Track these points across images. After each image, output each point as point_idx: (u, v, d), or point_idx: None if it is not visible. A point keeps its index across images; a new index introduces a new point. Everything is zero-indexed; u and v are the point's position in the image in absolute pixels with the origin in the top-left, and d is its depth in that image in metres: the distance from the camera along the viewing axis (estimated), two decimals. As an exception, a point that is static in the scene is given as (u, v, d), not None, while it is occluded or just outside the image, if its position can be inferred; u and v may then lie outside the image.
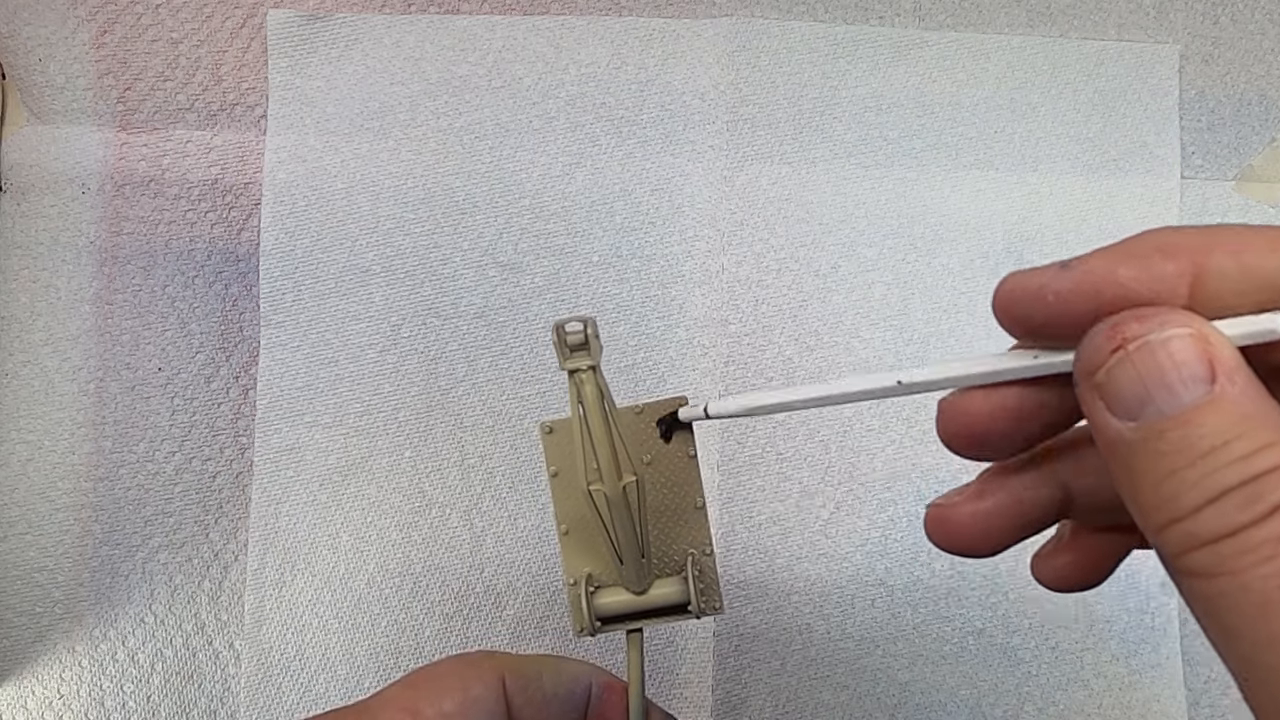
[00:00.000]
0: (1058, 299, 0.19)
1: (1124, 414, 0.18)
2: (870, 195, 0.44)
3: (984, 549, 0.23)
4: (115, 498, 0.43)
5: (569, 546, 0.28)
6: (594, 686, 0.29)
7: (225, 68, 0.44)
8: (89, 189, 0.43)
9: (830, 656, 0.43)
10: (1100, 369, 0.18)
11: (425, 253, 0.43)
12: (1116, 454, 0.18)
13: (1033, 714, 0.43)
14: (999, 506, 0.22)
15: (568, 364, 0.25)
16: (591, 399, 0.25)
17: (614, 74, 0.44)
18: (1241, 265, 0.18)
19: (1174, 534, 0.17)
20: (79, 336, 0.43)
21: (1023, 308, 0.20)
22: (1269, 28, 0.45)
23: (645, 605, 0.28)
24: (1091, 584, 0.24)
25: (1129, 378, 0.18)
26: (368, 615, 0.42)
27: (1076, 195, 0.44)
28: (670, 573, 0.28)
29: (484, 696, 0.27)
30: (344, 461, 0.43)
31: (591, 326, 0.25)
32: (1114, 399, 0.18)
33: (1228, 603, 0.16)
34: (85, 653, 0.42)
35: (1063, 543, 0.24)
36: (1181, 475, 0.17)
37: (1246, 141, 0.45)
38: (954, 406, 0.22)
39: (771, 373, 0.43)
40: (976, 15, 0.45)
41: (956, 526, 0.23)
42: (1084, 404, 0.19)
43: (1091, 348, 0.19)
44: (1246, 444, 0.17)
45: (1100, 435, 0.18)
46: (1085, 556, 0.24)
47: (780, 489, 0.43)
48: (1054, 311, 0.20)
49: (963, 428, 0.22)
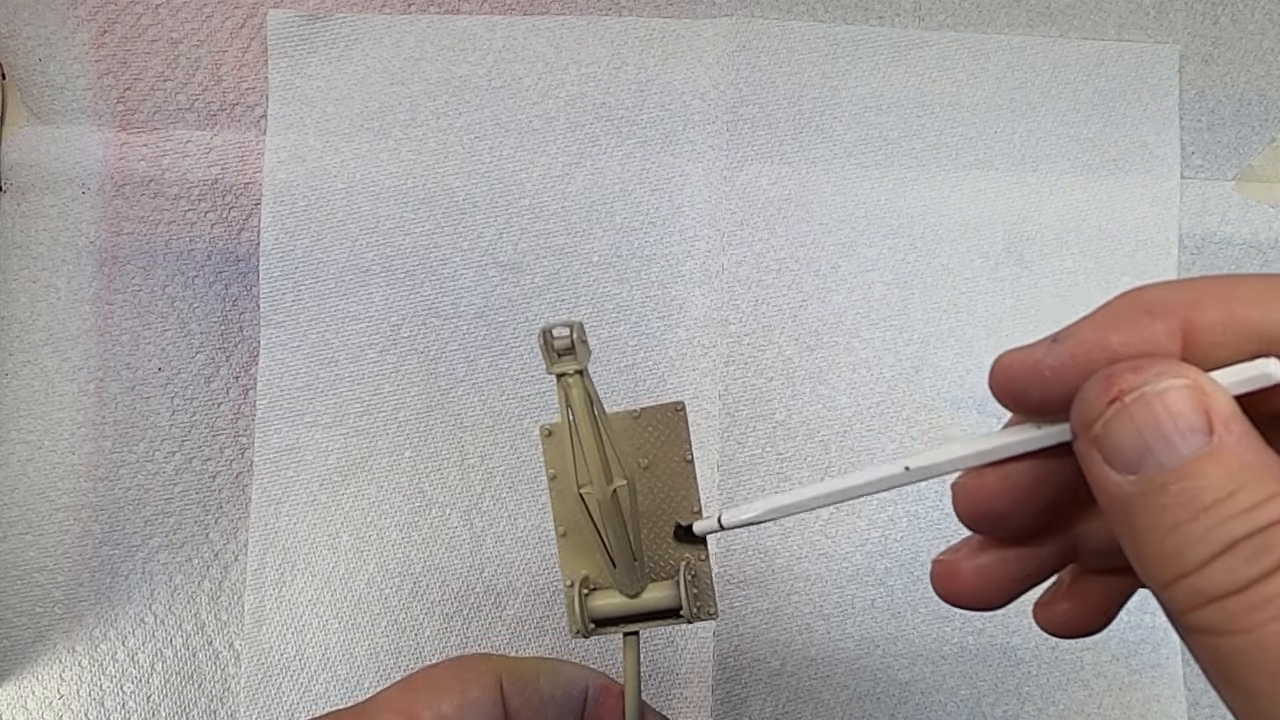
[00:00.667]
0: (1054, 374, 0.19)
1: (1123, 467, 0.18)
2: (870, 195, 0.44)
3: (991, 603, 0.22)
4: (115, 498, 0.43)
5: (566, 549, 0.28)
6: (591, 689, 0.29)
7: (225, 68, 0.44)
8: (89, 189, 0.43)
9: (830, 656, 0.43)
10: (1097, 422, 0.18)
11: (425, 253, 0.43)
12: (1118, 508, 0.18)
13: (1033, 714, 0.43)
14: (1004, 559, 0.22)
15: (554, 368, 0.25)
16: (579, 403, 0.25)
17: (614, 74, 0.44)
18: (1229, 317, 0.18)
19: (1181, 590, 0.17)
20: (79, 336, 0.43)
21: (1019, 385, 0.20)
22: (1269, 28, 0.45)
23: (638, 609, 0.28)
24: (1095, 629, 0.23)
25: (1126, 430, 0.18)
26: (368, 615, 0.42)
27: (1076, 195, 0.44)
28: (665, 576, 0.28)
29: (481, 699, 0.27)
30: (344, 461, 0.43)
31: (578, 331, 0.25)
32: (1112, 452, 0.18)
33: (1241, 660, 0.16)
34: (85, 653, 0.42)
35: (1063, 589, 0.24)
36: (1186, 530, 0.17)
37: (1246, 141, 0.45)
38: (968, 488, 0.22)
39: (771, 373, 0.43)
40: (976, 15, 0.45)
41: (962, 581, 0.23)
42: (1082, 459, 0.19)
43: (1087, 401, 0.18)
44: (1250, 495, 0.16)
45: (1100, 490, 0.18)
46: (1087, 602, 0.23)
47: (780, 489, 0.43)
48: (1051, 387, 0.19)
49: (980, 507, 0.22)
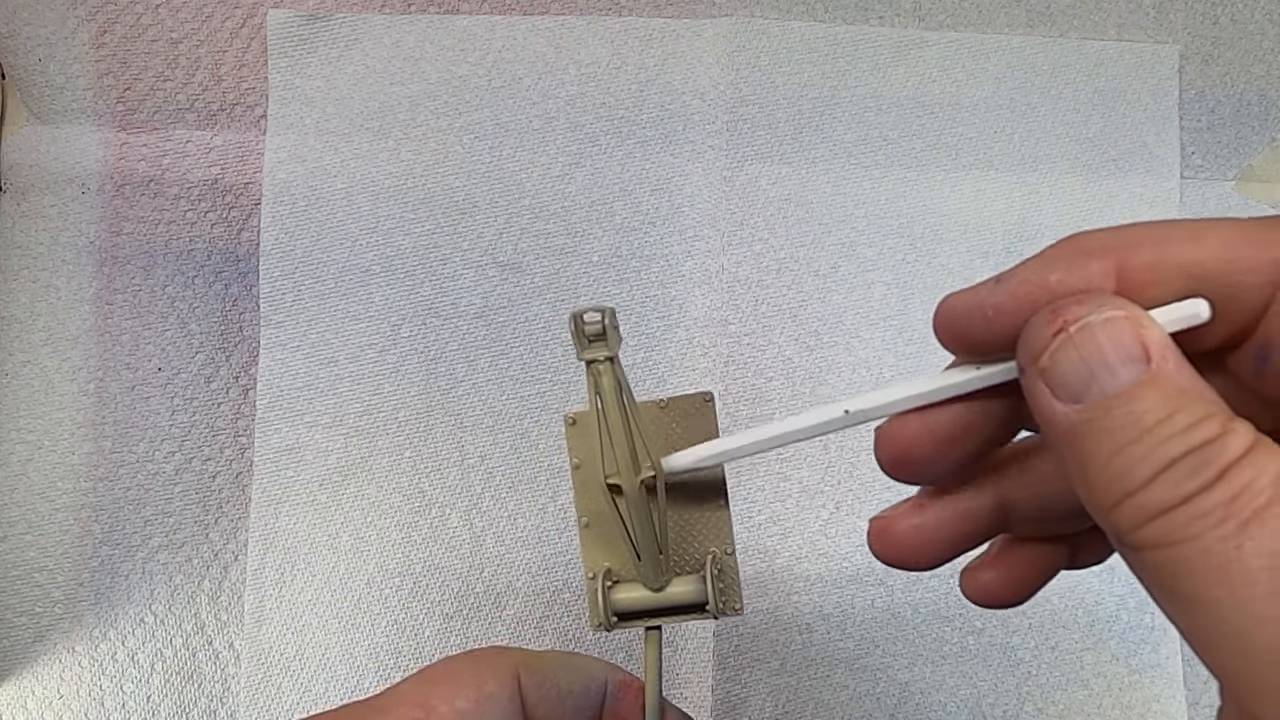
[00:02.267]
0: (996, 312, 0.20)
1: (1068, 397, 0.18)
2: (870, 195, 0.44)
3: (923, 562, 0.23)
4: (115, 498, 0.43)
5: (589, 540, 0.28)
6: (609, 684, 0.28)
7: (225, 68, 0.44)
8: (89, 189, 0.43)
9: (830, 656, 0.43)
10: (1044, 353, 0.19)
11: (425, 253, 0.43)
12: (1063, 437, 0.18)
13: (1033, 714, 0.43)
14: (939, 520, 0.23)
15: (585, 354, 0.25)
16: (608, 391, 0.25)
17: (614, 74, 0.44)
18: (1161, 257, 0.19)
19: (1127, 509, 0.17)
20: (79, 336, 0.43)
21: (962, 325, 0.21)
22: (1269, 28, 0.45)
23: (662, 603, 0.27)
24: (1016, 601, 0.24)
25: (1071, 360, 0.18)
26: (368, 615, 0.42)
27: (1076, 195, 0.44)
28: (689, 571, 0.28)
29: (498, 694, 0.26)
30: (344, 461, 0.43)
31: (610, 317, 0.24)
32: (1058, 382, 0.18)
33: (1186, 568, 0.16)
34: (85, 653, 0.42)
35: (990, 557, 0.24)
36: (1129, 451, 0.17)
37: (1246, 141, 0.45)
38: (890, 434, 0.22)
39: (771, 373, 0.43)
40: (976, 15, 0.45)
41: (897, 539, 0.23)
42: (1029, 392, 0.19)
43: (1033, 333, 0.19)
44: (1186, 416, 0.17)
45: (1046, 421, 0.19)
46: (1012, 572, 0.24)
47: (780, 489, 0.43)
48: (993, 325, 0.20)
49: (900, 453, 0.22)
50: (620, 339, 0.25)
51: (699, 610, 0.27)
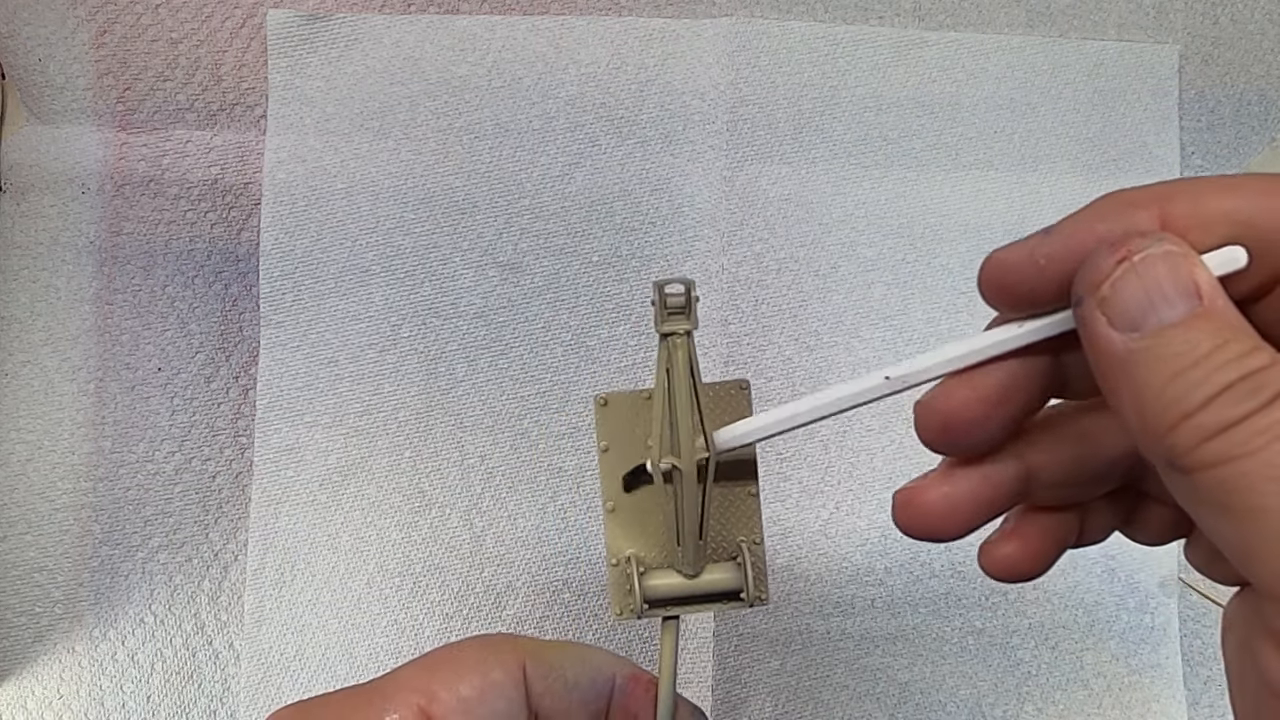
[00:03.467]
0: (1049, 261, 0.21)
1: (1126, 325, 0.19)
2: (870, 195, 0.44)
3: (950, 531, 0.23)
4: (115, 498, 0.43)
5: (615, 525, 0.27)
6: (618, 678, 0.28)
7: (225, 68, 0.44)
8: (89, 189, 0.43)
9: (830, 656, 0.43)
10: (1105, 282, 0.19)
11: (425, 253, 0.43)
12: (1118, 365, 0.19)
13: (1033, 714, 0.43)
14: (966, 488, 0.23)
15: (664, 327, 0.24)
16: (682, 365, 0.25)
17: (614, 74, 0.44)
18: (1200, 207, 0.20)
19: (1185, 430, 0.18)
20: (79, 336, 0.43)
21: (1013, 277, 0.21)
22: (1269, 28, 0.45)
23: (697, 590, 0.27)
24: (1034, 574, 0.25)
25: (1132, 289, 0.19)
26: (368, 615, 0.42)
27: (1076, 195, 0.44)
28: (719, 558, 0.27)
29: (503, 682, 0.26)
30: (344, 461, 0.43)
31: (693, 289, 0.24)
32: (1117, 311, 0.19)
33: (1245, 483, 0.17)
34: (85, 653, 0.42)
35: (1009, 530, 0.25)
36: (1186, 375, 0.18)
37: (1246, 141, 0.45)
38: (933, 403, 0.23)
39: (771, 373, 0.43)
40: (976, 15, 0.45)
41: (924, 508, 0.23)
42: (1084, 323, 0.20)
43: (1095, 263, 0.20)
44: (1238, 346, 0.18)
45: (1101, 350, 0.19)
46: (1031, 544, 0.24)
47: (780, 489, 0.43)
48: (1045, 274, 0.21)
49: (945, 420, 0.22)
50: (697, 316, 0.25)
51: (732, 598, 0.27)
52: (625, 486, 0.27)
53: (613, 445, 0.27)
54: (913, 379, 0.23)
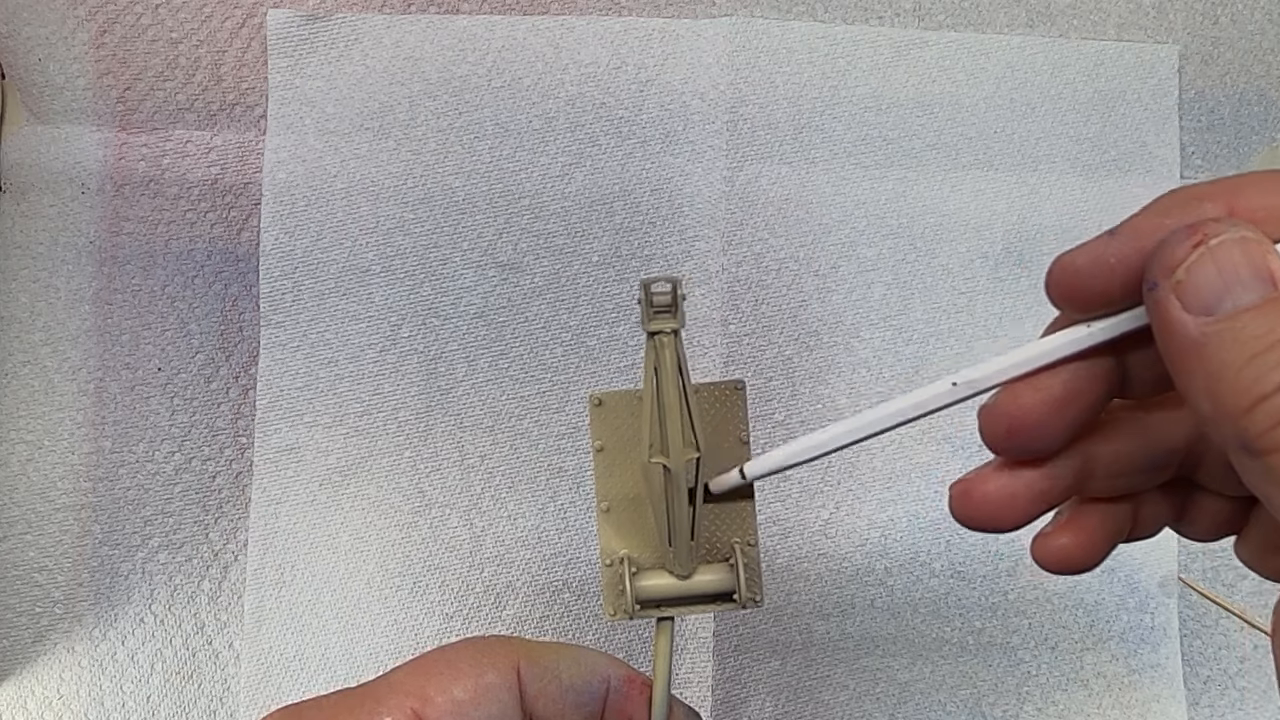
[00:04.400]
0: (1119, 260, 0.21)
1: (1200, 309, 0.19)
2: (870, 195, 0.44)
3: (1009, 522, 0.23)
4: (115, 498, 0.43)
5: (609, 525, 0.27)
6: (613, 679, 0.28)
7: (225, 68, 0.44)
8: (89, 189, 0.43)
9: (830, 656, 0.43)
10: (1180, 265, 0.19)
11: (425, 253, 0.43)
12: (1191, 349, 0.19)
13: (1033, 714, 0.43)
14: (1025, 479, 0.23)
15: (650, 325, 0.24)
16: (669, 365, 0.25)
17: (614, 74, 0.44)
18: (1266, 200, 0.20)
19: (1260, 413, 0.18)
20: (79, 336, 0.43)
21: (1083, 279, 0.22)
22: (1269, 28, 0.45)
23: (689, 591, 0.27)
24: (1087, 566, 0.25)
25: (1208, 273, 0.19)
26: (367, 615, 0.42)
27: (1076, 195, 0.44)
28: (713, 559, 0.27)
29: (497, 684, 0.26)
30: (344, 461, 0.43)
31: (680, 288, 0.24)
32: (1192, 295, 0.19)
33: None
34: (85, 653, 0.42)
35: (1063, 522, 0.25)
36: (1263, 358, 0.18)
37: (1246, 141, 0.45)
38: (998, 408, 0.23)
39: (771, 373, 0.43)
40: (976, 15, 0.45)
41: (983, 500, 0.23)
42: (1157, 307, 0.20)
43: (1170, 247, 0.20)
44: None
45: (1175, 335, 0.19)
46: (1085, 536, 0.24)
47: (780, 489, 0.43)
48: (1115, 274, 0.21)
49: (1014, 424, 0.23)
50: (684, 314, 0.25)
51: (725, 600, 0.27)
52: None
53: (607, 445, 0.27)
54: (980, 384, 0.23)
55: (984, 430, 0.23)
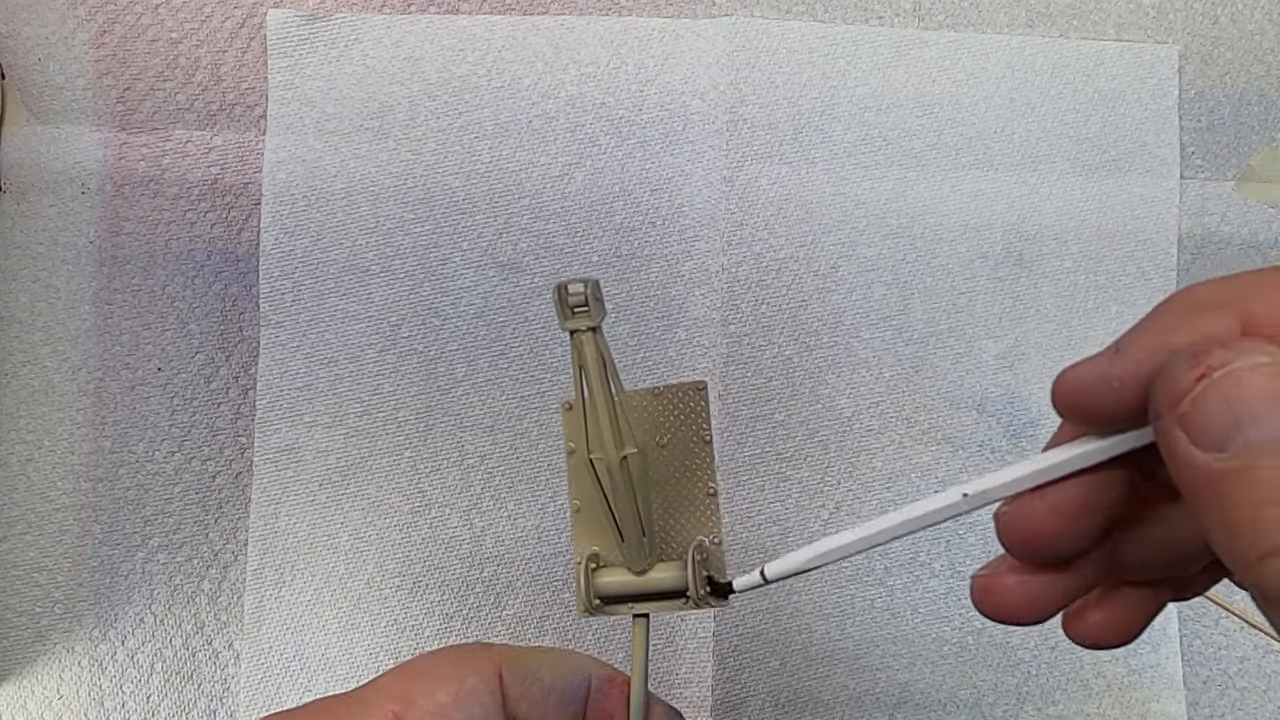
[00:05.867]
0: (1121, 383, 0.20)
1: (1210, 445, 0.17)
2: (870, 195, 0.44)
3: (1032, 618, 0.22)
4: (115, 498, 0.43)
5: (579, 524, 0.28)
6: (594, 680, 0.28)
7: (225, 68, 0.44)
8: (89, 189, 0.43)
9: (830, 656, 0.43)
10: (1184, 398, 0.18)
11: (425, 253, 0.43)
12: (1202, 487, 0.18)
13: (1032, 714, 0.43)
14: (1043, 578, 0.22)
15: (568, 324, 0.25)
16: (591, 361, 0.25)
17: (614, 74, 0.44)
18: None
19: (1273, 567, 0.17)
20: (79, 336, 0.43)
21: (1087, 399, 0.20)
22: (1269, 28, 0.45)
23: (645, 587, 0.27)
24: (1124, 641, 0.24)
25: (1215, 406, 0.17)
26: (367, 615, 0.42)
27: (1076, 195, 0.44)
28: (676, 558, 0.28)
29: (479, 688, 0.26)
30: (344, 461, 0.43)
31: (593, 288, 0.25)
32: (1199, 430, 0.18)
33: None
34: (85, 653, 0.42)
35: (1095, 600, 0.24)
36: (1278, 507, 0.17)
37: (1246, 141, 0.45)
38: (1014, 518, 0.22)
39: (771, 373, 0.43)
40: (976, 15, 0.45)
41: (1004, 597, 0.22)
42: (1164, 440, 0.18)
43: (1173, 378, 0.18)
44: None
45: (1183, 470, 0.18)
46: (1119, 614, 0.23)
47: (780, 489, 0.43)
48: (1119, 396, 0.20)
49: (1028, 536, 0.22)
50: (604, 311, 0.25)
51: (680, 597, 0.27)
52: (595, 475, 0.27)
53: (578, 447, 0.28)
54: (991, 495, 0.22)
55: (1001, 538, 0.22)
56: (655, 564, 0.27)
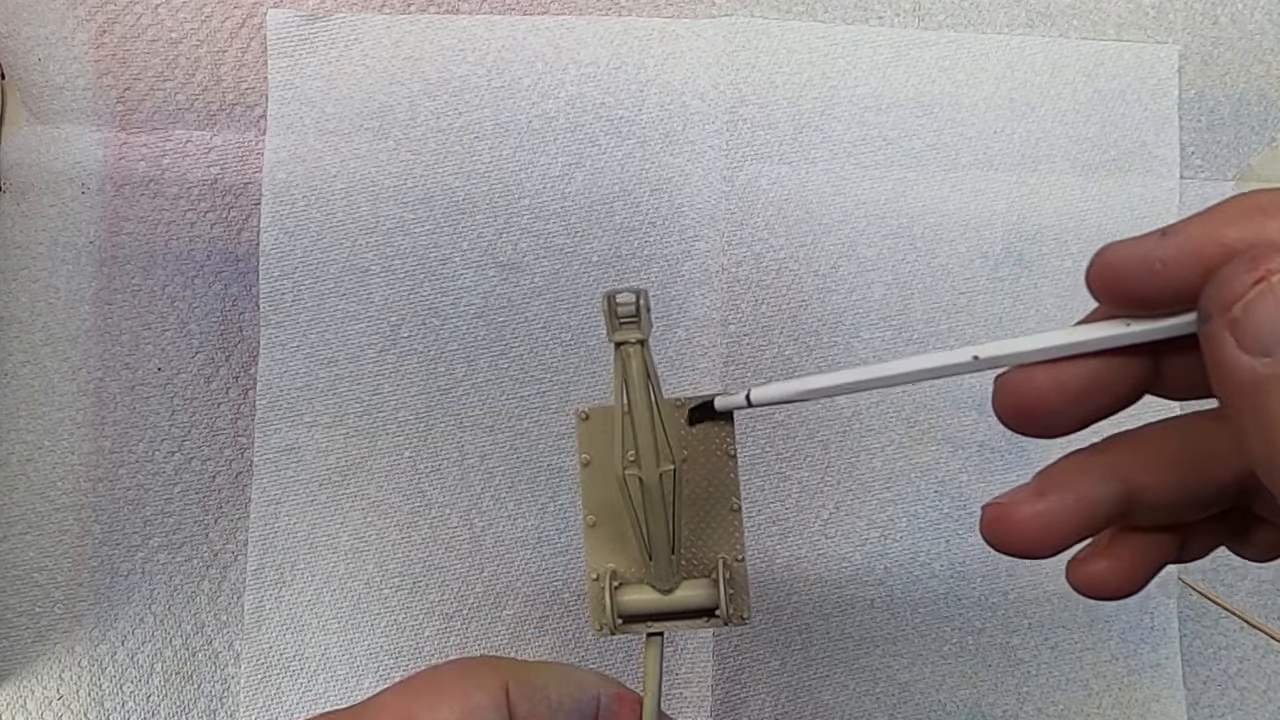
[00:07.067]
0: (1165, 265, 0.19)
1: (1258, 349, 0.18)
2: (870, 195, 0.44)
3: (1044, 550, 0.22)
4: (115, 498, 0.43)
5: (595, 540, 0.27)
6: (603, 697, 0.27)
7: (225, 68, 0.44)
8: (89, 189, 0.43)
9: (830, 656, 0.43)
10: (1238, 303, 0.18)
11: (425, 253, 0.43)
12: (1246, 390, 0.18)
13: (1032, 714, 0.43)
14: (1061, 505, 0.22)
15: (615, 336, 0.24)
16: (637, 375, 0.24)
17: (614, 74, 0.44)
18: None
19: None
20: (79, 336, 0.43)
21: (1125, 277, 0.20)
22: (1269, 28, 0.45)
23: (671, 606, 0.26)
24: (1126, 593, 0.23)
25: (1268, 312, 0.18)
26: (367, 615, 0.42)
27: (1076, 195, 0.44)
28: (698, 575, 0.27)
29: (485, 705, 0.25)
30: (344, 461, 0.43)
31: (644, 299, 0.24)
32: (1249, 334, 0.18)
33: None
34: (85, 653, 0.42)
35: (1101, 548, 0.24)
36: None
37: (1246, 141, 0.45)
38: (1013, 385, 0.22)
39: (771, 373, 0.43)
40: (976, 15, 0.45)
41: (1016, 525, 0.22)
42: (1210, 343, 0.18)
43: (1229, 280, 0.18)
44: None
45: (1227, 374, 0.18)
46: (1124, 563, 0.23)
47: (780, 489, 0.43)
48: (1159, 278, 0.19)
49: (1024, 404, 0.22)
50: (652, 324, 0.25)
51: (708, 615, 0.26)
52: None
53: (594, 459, 0.27)
54: (1002, 361, 0.22)
55: (995, 401, 0.22)
56: (680, 582, 0.27)
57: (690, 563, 0.27)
